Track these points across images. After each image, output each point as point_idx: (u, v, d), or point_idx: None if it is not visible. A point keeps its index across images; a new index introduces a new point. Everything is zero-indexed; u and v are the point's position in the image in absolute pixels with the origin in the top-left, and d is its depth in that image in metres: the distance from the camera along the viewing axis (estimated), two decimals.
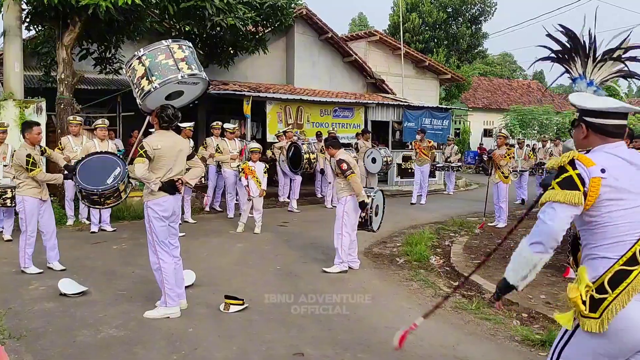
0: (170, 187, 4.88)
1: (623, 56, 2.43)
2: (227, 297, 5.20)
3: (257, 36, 14.59)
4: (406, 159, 16.25)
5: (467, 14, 33.78)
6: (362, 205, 6.63)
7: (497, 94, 33.79)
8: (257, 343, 4.36)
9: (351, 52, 18.10)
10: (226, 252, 7.76)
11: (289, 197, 12.01)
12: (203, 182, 10.64)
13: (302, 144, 10.89)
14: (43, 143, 7.05)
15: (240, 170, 9.23)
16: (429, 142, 13.39)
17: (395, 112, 16.67)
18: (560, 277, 6.37)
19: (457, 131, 29.27)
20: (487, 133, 30.11)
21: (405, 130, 16.64)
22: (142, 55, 4.68)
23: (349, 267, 6.77)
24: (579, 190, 2.18)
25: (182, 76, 4.65)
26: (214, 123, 10.93)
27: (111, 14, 9.12)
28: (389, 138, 16.59)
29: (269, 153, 12.13)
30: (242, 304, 5.16)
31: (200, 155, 10.56)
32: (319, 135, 13.40)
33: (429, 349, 4.17)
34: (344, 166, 6.58)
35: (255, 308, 5.21)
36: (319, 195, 13.34)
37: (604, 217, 2.20)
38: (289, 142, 11.36)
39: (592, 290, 2.17)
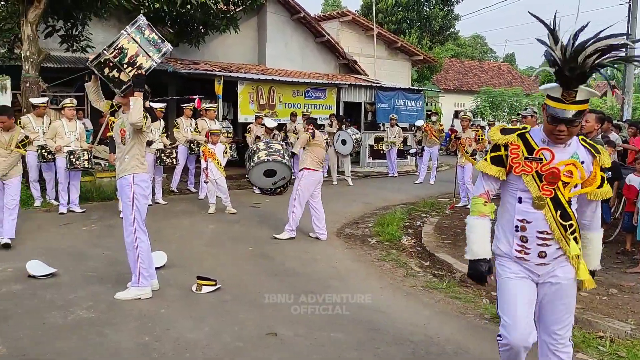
0: None
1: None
2: (199, 277, 5.19)
3: (228, 15, 14.33)
4: (378, 140, 16.28)
5: None
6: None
7: (468, 75, 33.95)
8: (230, 323, 4.37)
9: (324, 32, 17.95)
10: (198, 233, 7.71)
11: None
12: (175, 162, 10.48)
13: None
14: None
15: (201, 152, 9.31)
16: (441, 125, 13.73)
17: (367, 93, 16.66)
18: None
19: (429, 113, 29.44)
20: (458, 115, 30.34)
21: (378, 112, 16.65)
22: (130, 33, 4.66)
23: (317, 238, 7.25)
24: None
25: (168, 48, 4.84)
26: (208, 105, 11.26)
27: None
28: (361, 119, 16.61)
29: (248, 136, 11.95)
30: (215, 285, 5.16)
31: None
32: (293, 115, 13.39)
33: (400, 328, 4.25)
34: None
35: (228, 289, 5.21)
36: (293, 177, 13.30)
37: None
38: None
39: None
